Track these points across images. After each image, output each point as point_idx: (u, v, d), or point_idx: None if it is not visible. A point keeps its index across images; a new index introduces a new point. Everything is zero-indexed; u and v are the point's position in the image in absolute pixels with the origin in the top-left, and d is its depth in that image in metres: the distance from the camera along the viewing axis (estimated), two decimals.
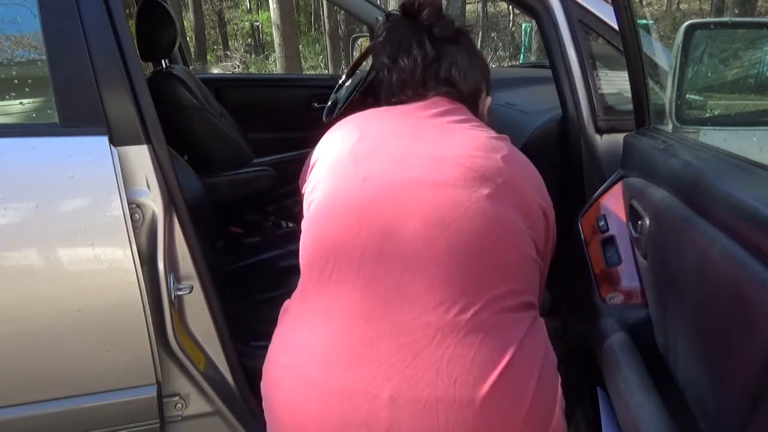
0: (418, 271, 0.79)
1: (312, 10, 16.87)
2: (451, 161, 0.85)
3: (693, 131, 1.20)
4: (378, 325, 0.78)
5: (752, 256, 0.65)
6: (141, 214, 1.15)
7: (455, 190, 0.82)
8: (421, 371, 0.75)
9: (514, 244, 0.85)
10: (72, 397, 1.18)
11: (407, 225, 0.81)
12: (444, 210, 0.81)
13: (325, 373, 0.78)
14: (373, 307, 0.79)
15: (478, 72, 1.04)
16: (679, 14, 14.80)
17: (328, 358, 0.79)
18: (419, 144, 0.89)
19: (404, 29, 1.01)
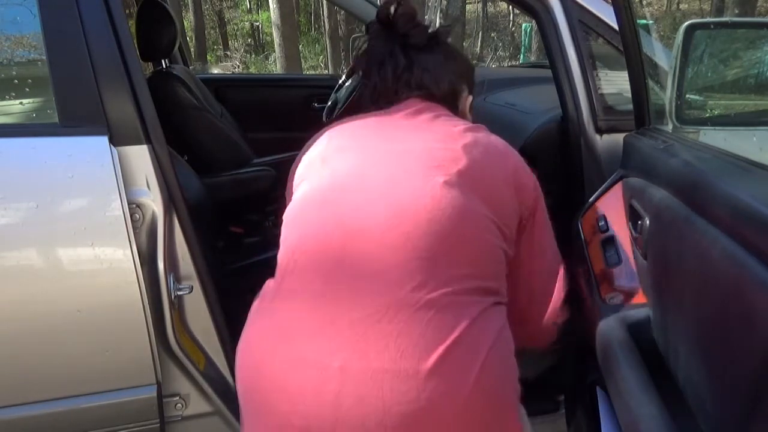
0: (377, 255, 0.83)
1: (312, 10, 16.87)
2: (411, 154, 0.91)
3: (693, 131, 1.20)
4: (336, 304, 0.82)
5: (752, 256, 0.65)
6: (141, 214, 1.15)
7: (413, 180, 0.87)
8: (371, 344, 0.78)
9: (472, 229, 0.87)
10: (72, 397, 1.19)
11: (369, 215, 0.86)
12: (402, 199, 0.86)
13: (288, 344, 0.82)
14: (334, 288, 0.83)
15: (454, 74, 1.08)
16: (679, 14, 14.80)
17: (292, 332, 0.83)
18: (385, 141, 0.94)
19: (380, 40, 1.07)
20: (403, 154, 0.91)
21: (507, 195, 0.94)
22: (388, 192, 0.87)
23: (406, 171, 0.88)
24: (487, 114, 1.86)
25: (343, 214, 0.87)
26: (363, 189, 0.89)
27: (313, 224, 0.89)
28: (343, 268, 0.84)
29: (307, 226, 0.90)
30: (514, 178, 0.95)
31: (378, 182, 0.88)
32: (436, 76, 1.04)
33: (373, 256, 0.83)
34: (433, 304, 0.80)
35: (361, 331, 0.79)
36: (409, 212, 0.84)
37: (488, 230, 0.89)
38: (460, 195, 0.86)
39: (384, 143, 0.94)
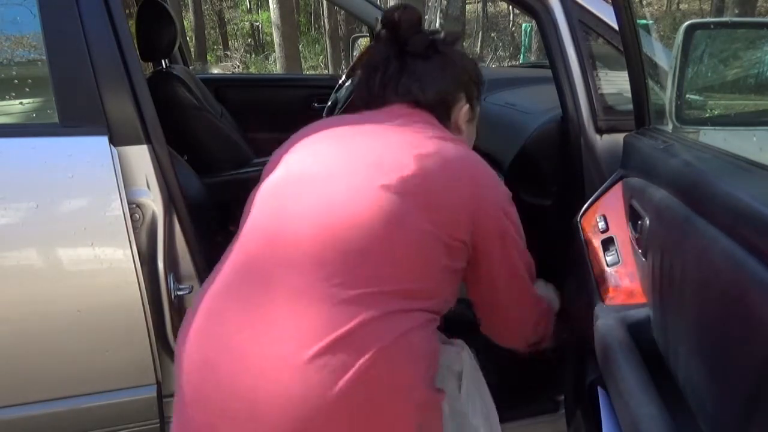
0: (298, 245, 0.84)
1: (312, 10, 16.87)
2: (361, 155, 0.91)
3: (693, 131, 1.20)
4: (251, 288, 0.85)
5: (752, 256, 0.65)
6: (141, 214, 1.15)
7: (351, 179, 0.88)
8: (266, 326, 0.80)
9: (403, 236, 0.85)
10: (72, 397, 1.19)
11: (302, 207, 0.87)
12: (334, 196, 0.87)
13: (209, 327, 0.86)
14: (255, 275, 0.86)
15: (450, 84, 1.07)
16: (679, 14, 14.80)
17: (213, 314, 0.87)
18: (343, 141, 0.96)
19: (382, 46, 1.08)
20: (353, 154, 0.92)
21: (459, 212, 0.91)
22: (324, 187, 0.88)
23: (348, 170, 0.89)
24: (487, 114, 1.86)
25: (280, 207, 0.90)
26: (302, 182, 0.91)
27: (256, 216, 0.93)
28: (269, 256, 0.86)
29: (252, 218, 0.93)
30: (468, 197, 0.92)
31: (318, 178, 0.90)
32: (423, 84, 1.03)
33: (295, 245, 0.84)
34: (335, 298, 0.80)
35: (260, 314, 0.81)
36: (336, 209, 0.85)
37: (423, 241, 0.87)
38: (397, 201, 0.85)
39: (341, 142, 0.96)
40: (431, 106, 1.05)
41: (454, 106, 1.09)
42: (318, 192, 0.88)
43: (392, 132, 0.96)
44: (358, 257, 0.83)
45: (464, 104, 1.11)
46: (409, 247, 0.86)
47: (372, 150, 0.92)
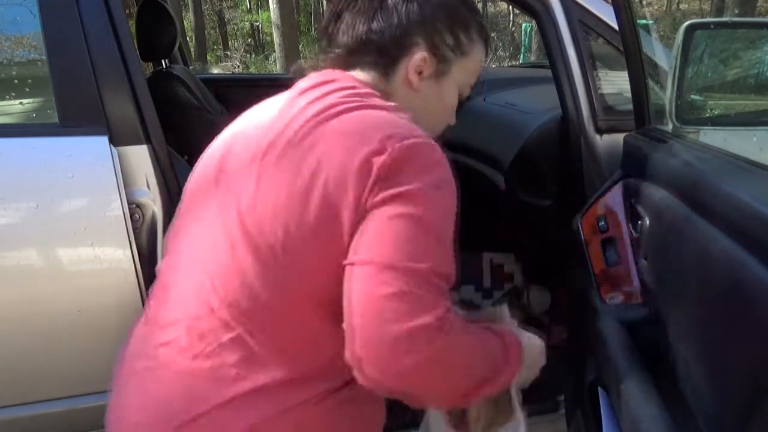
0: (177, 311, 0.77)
1: (312, 10, 16.87)
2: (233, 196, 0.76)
3: (693, 131, 1.20)
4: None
5: (752, 255, 0.65)
6: (141, 214, 1.15)
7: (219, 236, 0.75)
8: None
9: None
10: (72, 397, 1.19)
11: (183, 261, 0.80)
12: (207, 261, 0.76)
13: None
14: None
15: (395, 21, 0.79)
16: (679, 14, 14.80)
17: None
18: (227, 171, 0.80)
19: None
20: (224, 194, 0.77)
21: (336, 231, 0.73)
22: (195, 246, 0.79)
23: (216, 216, 0.77)
24: (487, 114, 1.86)
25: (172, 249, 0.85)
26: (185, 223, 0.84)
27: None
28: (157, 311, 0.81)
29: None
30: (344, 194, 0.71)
31: (193, 226, 0.81)
32: (350, 26, 0.80)
33: (175, 309, 0.77)
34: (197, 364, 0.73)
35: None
36: (209, 281, 0.75)
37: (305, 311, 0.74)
38: (268, 268, 0.72)
39: (223, 162, 0.83)
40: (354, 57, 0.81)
41: (401, 54, 0.81)
42: (190, 252, 0.79)
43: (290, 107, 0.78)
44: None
45: (419, 52, 0.81)
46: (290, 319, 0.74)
47: (243, 191, 0.74)
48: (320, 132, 0.72)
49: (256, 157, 0.74)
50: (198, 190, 0.83)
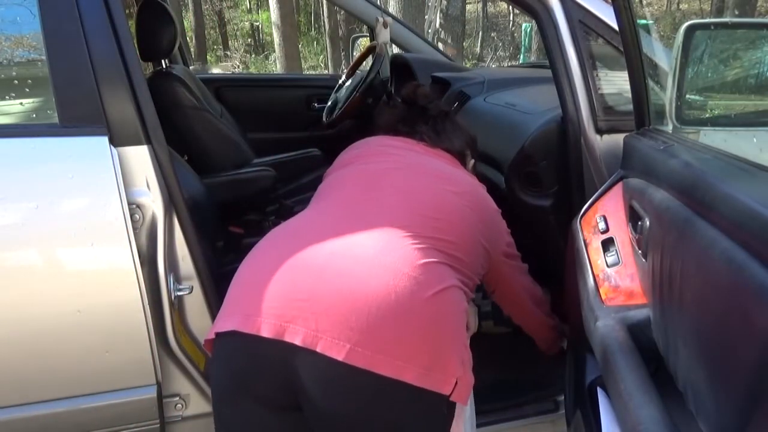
0: (390, 209, 1.08)
1: (312, 10, 16.86)
2: (430, 169, 1.22)
3: (693, 132, 1.20)
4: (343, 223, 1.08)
5: (752, 257, 0.65)
6: (141, 215, 1.15)
7: (429, 181, 1.17)
8: (363, 240, 1.02)
9: (467, 231, 1.14)
10: (72, 397, 1.19)
11: (392, 190, 1.14)
12: (418, 188, 1.15)
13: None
14: (351, 213, 1.12)
15: (464, 141, 1.40)
16: (679, 14, 14.79)
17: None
18: (419, 156, 1.27)
19: (405, 109, 1.41)
20: (425, 165, 1.23)
21: (483, 230, 1.19)
22: (408, 182, 1.15)
23: (425, 174, 1.19)
24: (487, 114, 1.86)
25: (366, 180, 1.17)
26: (386, 177, 1.17)
27: (341, 188, 1.18)
28: (363, 208, 1.10)
29: (336, 189, 1.18)
30: (490, 225, 1.23)
31: (401, 175, 1.17)
32: (452, 137, 1.36)
33: (386, 209, 1.07)
34: (417, 243, 1.01)
35: (358, 232, 1.02)
36: (419, 196, 1.11)
37: (476, 237, 1.15)
38: (462, 205, 1.14)
39: (412, 155, 1.26)
40: (456, 155, 1.35)
41: (466, 158, 1.42)
42: (402, 184, 1.14)
43: (446, 164, 1.29)
44: (432, 225, 1.06)
45: (471, 158, 1.44)
46: (465, 234, 1.11)
47: (441, 169, 1.23)
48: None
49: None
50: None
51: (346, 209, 1.10)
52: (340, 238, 0.99)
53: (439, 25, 7.13)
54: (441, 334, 0.95)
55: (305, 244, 0.98)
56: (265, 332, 0.90)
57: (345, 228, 1.01)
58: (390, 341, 0.90)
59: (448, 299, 0.98)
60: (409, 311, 0.92)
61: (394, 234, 1.00)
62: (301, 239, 1.00)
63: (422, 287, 0.94)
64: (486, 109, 1.89)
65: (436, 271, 0.99)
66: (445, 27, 7.02)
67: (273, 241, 1.05)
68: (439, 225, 1.07)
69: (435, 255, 1.01)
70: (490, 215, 1.24)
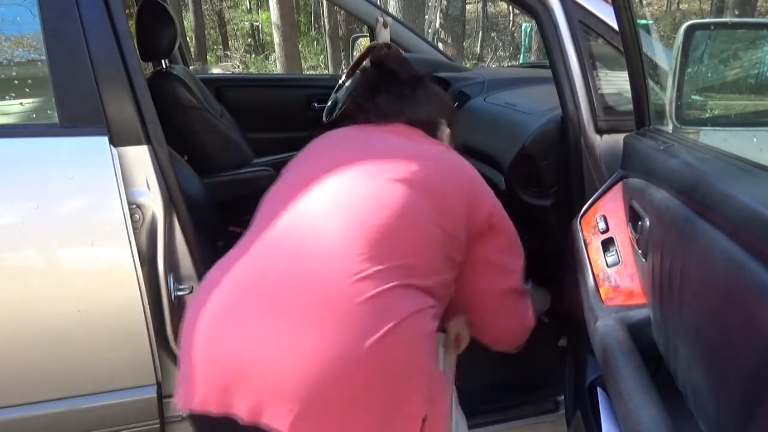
0: (324, 232, 0.94)
1: (312, 10, 16.86)
2: (373, 158, 1.05)
3: (693, 132, 1.20)
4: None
5: (752, 257, 0.65)
6: (141, 215, 1.15)
7: (363, 177, 1.01)
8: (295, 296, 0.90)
9: (411, 222, 0.97)
10: (72, 398, 1.19)
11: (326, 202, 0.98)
12: (351, 192, 0.99)
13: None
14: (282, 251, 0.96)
15: (433, 108, 1.24)
16: (679, 14, 14.78)
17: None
18: (357, 149, 1.10)
19: (373, 75, 1.26)
20: (366, 157, 1.05)
21: (457, 207, 1.04)
22: (341, 188, 1.00)
23: (362, 170, 1.02)
24: (487, 114, 1.86)
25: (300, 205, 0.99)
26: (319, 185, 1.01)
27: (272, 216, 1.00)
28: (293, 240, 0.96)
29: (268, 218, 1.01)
30: (466, 194, 1.06)
31: (334, 181, 1.01)
32: (415, 107, 1.20)
33: (319, 233, 0.94)
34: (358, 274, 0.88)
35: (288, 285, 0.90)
36: (355, 201, 0.97)
37: (432, 230, 0.99)
38: (405, 191, 0.98)
39: (355, 149, 1.10)
40: (421, 125, 1.19)
41: (438, 128, 1.25)
42: (335, 193, 0.99)
43: (396, 141, 1.12)
44: (376, 238, 0.92)
45: (446, 128, 1.27)
46: (418, 231, 0.97)
47: (382, 155, 1.06)
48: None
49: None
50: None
51: (277, 246, 0.95)
52: (273, 289, 0.89)
53: (439, 25, 7.13)
54: (393, 380, 0.87)
55: (240, 297, 0.90)
56: (211, 406, 0.86)
57: (277, 274, 0.91)
58: (336, 404, 0.84)
59: (400, 337, 0.87)
60: (351, 367, 0.84)
61: (329, 272, 0.89)
62: (236, 290, 0.91)
63: (363, 336, 0.84)
64: (486, 109, 1.89)
65: (381, 306, 0.88)
66: (445, 27, 7.02)
67: (211, 287, 0.94)
68: (381, 235, 0.93)
69: (381, 281, 0.89)
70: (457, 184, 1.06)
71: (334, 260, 0.90)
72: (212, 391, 0.86)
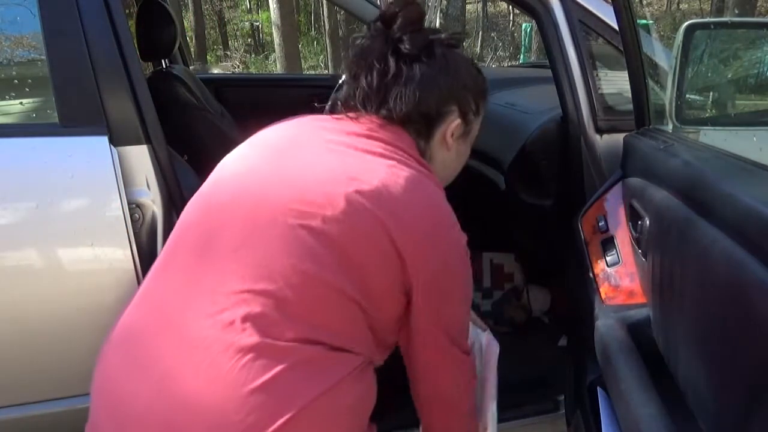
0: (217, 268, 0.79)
1: (312, 10, 16.87)
2: (287, 182, 0.82)
3: (693, 131, 1.20)
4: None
5: (752, 256, 0.65)
6: (141, 214, 1.15)
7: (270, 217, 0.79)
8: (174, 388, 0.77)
9: (320, 294, 0.78)
10: (72, 397, 1.18)
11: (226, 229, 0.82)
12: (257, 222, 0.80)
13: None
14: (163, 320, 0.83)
15: (438, 95, 0.91)
16: (679, 14, 14.79)
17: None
18: (288, 157, 0.87)
19: (376, 42, 0.91)
20: (279, 182, 0.83)
21: (386, 260, 0.80)
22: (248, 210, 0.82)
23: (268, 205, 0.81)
24: (487, 114, 1.86)
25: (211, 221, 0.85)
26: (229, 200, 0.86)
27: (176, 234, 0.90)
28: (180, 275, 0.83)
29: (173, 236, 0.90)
30: (401, 244, 0.80)
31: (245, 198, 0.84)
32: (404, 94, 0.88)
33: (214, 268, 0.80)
34: (245, 347, 0.74)
35: (169, 368, 0.78)
36: (251, 254, 0.78)
37: (339, 301, 0.79)
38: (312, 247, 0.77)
39: (286, 158, 0.87)
40: (406, 120, 0.90)
41: (444, 119, 0.94)
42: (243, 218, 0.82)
43: (334, 159, 0.84)
44: (274, 303, 0.76)
45: (455, 119, 0.94)
46: (322, 300, 0.78)
47: (301, 174, 0.82)
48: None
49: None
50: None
51: (174, 299, 0.81)
52: (162, 360, 0.77)
53: (439, 25, 7.13)
54: None
55: (131, 371, 0.81)
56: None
57: (169, 344, 0.78)
58: None
59: (308, 422, 0.74)
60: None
61: (221, 346, 0.74)
62: (130, 359, 0.82)
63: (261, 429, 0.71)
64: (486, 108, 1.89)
65: (276, 392, 0.73)
66: (445, 27, 7.02)
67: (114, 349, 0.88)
68: (279, 302, 0.76)
69: (277, 359, 0.74)
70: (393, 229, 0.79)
71: (221, 335, 0.74)
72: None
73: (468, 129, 1.00)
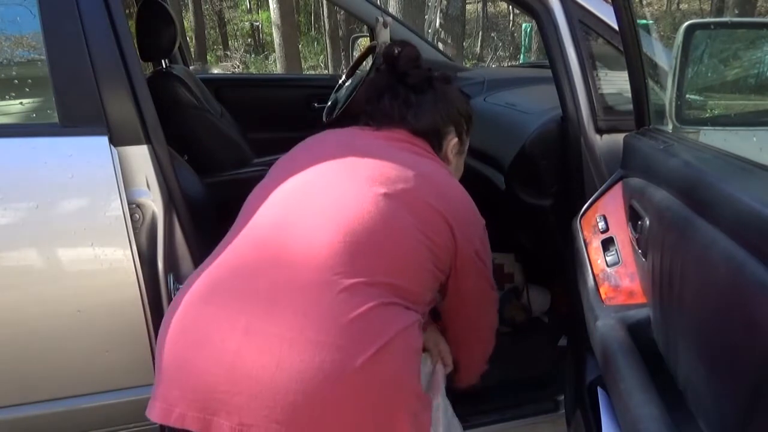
0: (307, 241, 0.91)
1: (312, 10, 16.87)
2: (363, 169, 1.01)
3: (693, 131, 1.20)
4: (258, 275, 0.91)
5: (752, 256, 0.65)
6: (141, 215, 1.15)
7: (354, 186, 0.98)
8: (279, 309, 0.86)
9: (399, 238, 0.96)
10: (72, 397, 1.19)
11: (307, 210, 0.96)
12: (338, 200, 0.96)
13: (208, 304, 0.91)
14: (263, 258, 0.93)
15: (441, 117, 1.18)
16: (679, 14, 14.79)
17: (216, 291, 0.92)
18: (349, 157, 1.04)
19: (381, 75, 1.20)
20: (356, 168, 1.02)
21: (443, 228, 1.01)
22: (327, 195, 0.97)
23: (351, 180, 0.99)
24: (487, 114, 1.86)
25: (284, 214, 0.97)
26: (306, 193, 1.00)
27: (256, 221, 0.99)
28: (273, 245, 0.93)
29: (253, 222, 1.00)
30: (452, 220, 1.02)
31: (322, 188, 0.99)
32: (418, 113, 1.14)
33: (303, 241, 0.91)
34: (338, 286, 0.87)
35: (272, 297, 0.87)
36: (340, 211, 0.94)
37: (414, 244, 0.97)
38: (393, 207, 0.96)
39: (345, 156, 1.05)
40: (425, 134, 1.15)
41: (445, 137, 1.19)
42: (322, 199, 0.97)
43: (393, 152, 1.07)
44: (363, 254, 0.91)
45: (453, 137, 1.20)
46: (402, 246, 0.96)
47: (375, 165, 1.02)
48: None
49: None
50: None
51: (259, 254, 0.93)
52: (253, 304, 0.87)
53: (439, 25, 7.13)
54: (382, 401, 0.86)
55: (219, 309, 0.88)
56: (190, 425, 0.84)
57: (259, 286, 0.88)
58: (323, 426, 0.82)
59: (389, 356, 0.86)
60: (339, 389, 0.82)
61: (315, 287, 0.87)
62: (214, 303, 0.89)
63: (351, 356, 0.83)
64: (486, 108, 1.89)
65: (371, 323, 0.86)
66: (445, 27, 7.02)
67: (192, 296, 0.92)
68: (368, 249, 0.92)
69: (368, 297, 0.88)
70: (445, 206, 1.02)
71: (320, 274, 0.87)
72: (190, 410, 0.84)
73: (462, 148, 1.25)
